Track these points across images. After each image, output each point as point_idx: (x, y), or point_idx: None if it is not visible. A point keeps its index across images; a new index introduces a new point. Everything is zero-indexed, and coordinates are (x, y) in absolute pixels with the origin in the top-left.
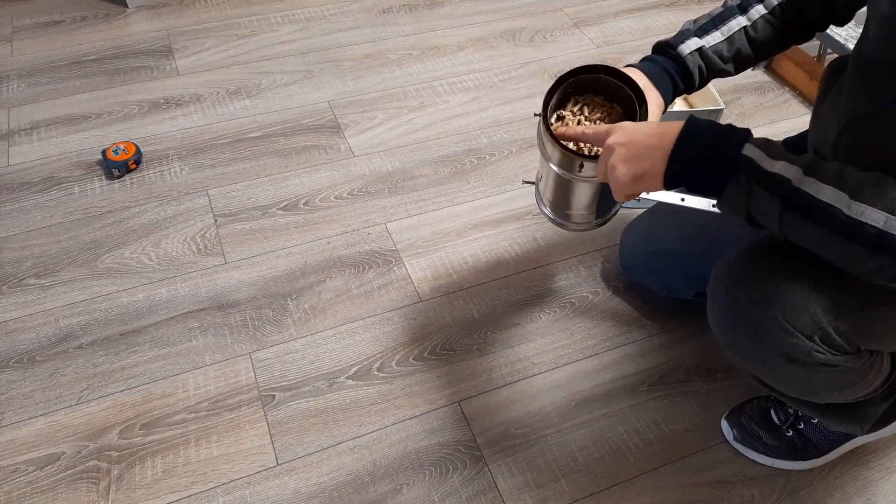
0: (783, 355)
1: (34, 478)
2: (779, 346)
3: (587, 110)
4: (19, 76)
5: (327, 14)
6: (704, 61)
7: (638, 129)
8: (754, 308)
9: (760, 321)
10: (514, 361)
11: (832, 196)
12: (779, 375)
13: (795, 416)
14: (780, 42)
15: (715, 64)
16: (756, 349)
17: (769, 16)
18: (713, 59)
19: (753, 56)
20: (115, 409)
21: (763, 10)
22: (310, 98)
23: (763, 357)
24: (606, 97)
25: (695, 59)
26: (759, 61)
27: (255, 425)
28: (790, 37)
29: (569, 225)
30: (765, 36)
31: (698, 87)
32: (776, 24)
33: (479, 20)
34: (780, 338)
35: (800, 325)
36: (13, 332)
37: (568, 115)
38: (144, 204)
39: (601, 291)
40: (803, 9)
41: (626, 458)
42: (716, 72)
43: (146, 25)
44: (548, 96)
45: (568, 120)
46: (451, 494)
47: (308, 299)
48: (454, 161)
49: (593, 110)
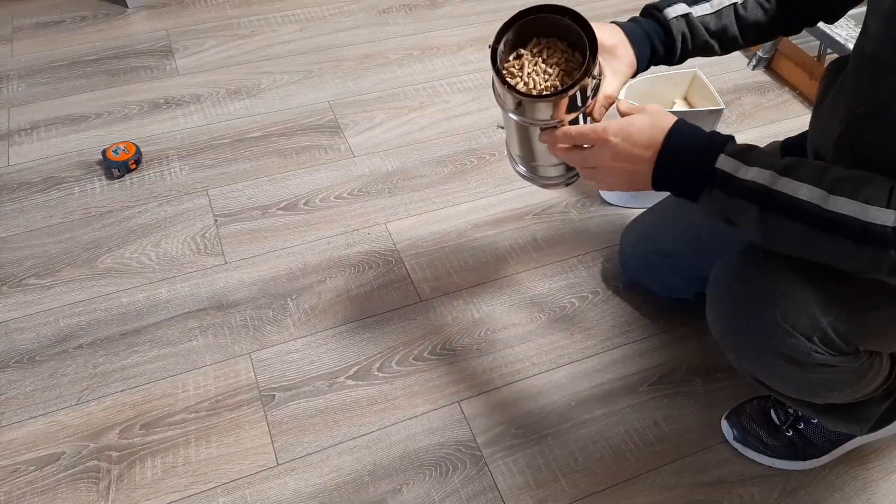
0: (782, 356)
1: (34, 478)
2: (778, 347)
3: (546, 53)
4: (19, 76)
5: (327, 14)
6: (689, 29)
7: (630, 135)
8: (753, 308)
9: (759, 322)
10: (514, 361)
11: (808, 193)
12: (778, 376)
13: (795, 417)
14: (769, 28)
15: (700, 34)
16: (755, 350)
17: None
18: (699, 29)
19: (741, 37)
20: (115, 409)
21: None
22: (310, 98)
23: (762, 357)
24: (569, 44)
25: (679, 24)
26: (746, 44)
27: (255, 425)
28: (781, 25)
29: (541, 180)
30: (754, 17)
31: (680, 57)
32: (768, 8)
33: (479, 20)
34: (778, 338)
35: (799, 325)
36: (13, 332)
37: (526, 55)
38: (144, 204)
39: (601, 291)
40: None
41: (626, 458)
42: (700, 45)
43: (146, 25)
44: (503, 29)
45: (525, 60)
46: (451, 494)
47: (308, 299)
48: (454, 161)
49: (551, 55)
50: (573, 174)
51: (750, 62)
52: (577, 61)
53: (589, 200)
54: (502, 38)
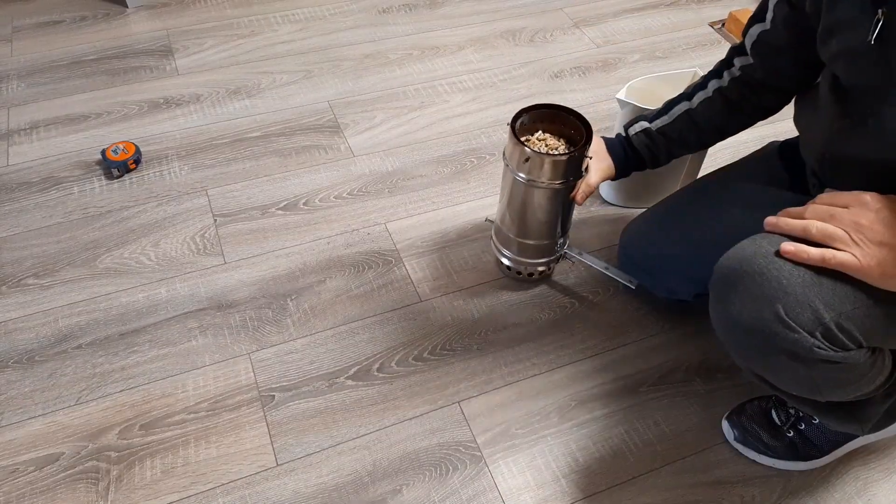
0: (785, 351)
1: (33, 478)
2: (780, 343)
3: (549, 139)
4: (19, 76)
5: (327, 14)
6: (650, 139)
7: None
8: (756, 304)
9: (762, 317)
10: (514, 361)
11: None
12: (780, 373)
13: (797, 417)
14: (729, 120)
15: (658, 141)
16: (758, 346)
17: (718, 95)
18: (656, 137)
19: (700, 133)
20: (115, 410)
21: (707, 93)
22: (310, 98)
23: (765, 353)
24: (567, 140)
25: (640, 137)
26: (715, 135)
27: (255, 426)
28: (742, 113)
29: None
30: (709, 115)
31: (652, 161)
32: (720, 104)
33: (479, 20)
34: (781, 333)
35: (801, 320)
36: (12, 332)
37: (533, 139)
38: (144, 204)
39: (601, 291)
40: (755, 89)
41: (626, 458)
42: (664, 147)
43: (146, 25)
44: (520, 113)
45: (533, 142)
46: (451, 495)
47: (308, 299)
48: (454, 161)
49: (554, 138)
50: (560, 244)
51: None
52: (572, 147)
53: (589, 200)
54: (518, 119)
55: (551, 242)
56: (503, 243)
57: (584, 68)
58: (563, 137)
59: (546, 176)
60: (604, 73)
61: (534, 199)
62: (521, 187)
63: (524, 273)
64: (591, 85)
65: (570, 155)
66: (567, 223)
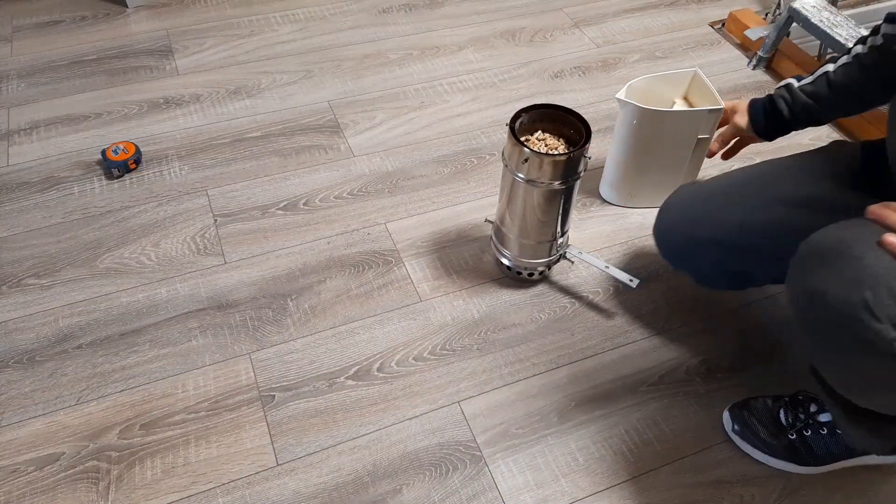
0: (862, 340)
1: (34, 478)
2: (861, 330)
3: (549, 139)
4: (19, 76)
5: (327, 14)
6: (790, 93)
7: None
8: (846, 286)
9: (849, 300)
10: (514, 361)
11: None
12: (844, 364)
13: (805, 424)
14: (862, 88)
15: (797, 97)
16: (835, 329)
17: (856, 61)
18: (796, 94)
19: (835, 94)
20: (115, 410)
21: (848, 58)
22: (310, 98)
23: (839, 339)
24: (567, 139)
25: (780, 91)
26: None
27: (255, 425)
28: (874, 81)
29: (530, 264)
30: (845, 80)
31: (791, 118)
32: (855, 68)
33: (479, 20)
34: (866, 321)
35: (889, 312)
36: (13, 332)
37: (533, 139)
38: (144, 204)
39: (601, 291)
40: (887, 60)
41: (626, 458)
42: (801, 105)
43: (146, 25)
44: (519, 113)
45: (533, 142)
46: (451, 494)
47: (308, 299)
48: (454, 161)
49: (555, 141)
50: (560, 241)
51: (750, 62)
52: (572, 147)
53: (589, 200)
54: (518, 119)
55: (551, 242)
56: (503, 243)
57: (584, 68)
58: (563, 137)
59: (545, 176)
60: (604, 73)
61: (533, 199)
62: (520, 187)
63: (524, 273)
64: (591, 85)
65: (570, 155)
66: (567, 223)
